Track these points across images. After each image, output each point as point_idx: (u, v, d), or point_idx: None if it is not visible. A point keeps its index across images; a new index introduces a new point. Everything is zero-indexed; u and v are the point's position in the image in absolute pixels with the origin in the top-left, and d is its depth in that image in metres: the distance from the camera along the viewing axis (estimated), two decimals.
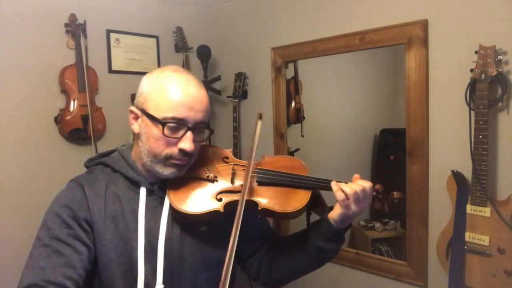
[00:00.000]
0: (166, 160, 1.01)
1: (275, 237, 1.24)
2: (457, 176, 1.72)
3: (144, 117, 1.01)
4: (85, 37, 2.35)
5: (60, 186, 1.09)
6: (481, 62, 1.61)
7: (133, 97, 1.24)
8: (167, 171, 1.02)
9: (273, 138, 2.58)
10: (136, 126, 1.05)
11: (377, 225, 2.32)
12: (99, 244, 0.99)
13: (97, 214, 1.00)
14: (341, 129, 2.56)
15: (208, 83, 2.76)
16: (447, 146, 1.84)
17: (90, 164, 1.13)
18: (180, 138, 0.99)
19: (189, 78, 1.02)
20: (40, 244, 0.94)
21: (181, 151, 1.00)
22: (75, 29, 2.28)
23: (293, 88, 2.56)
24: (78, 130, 2.28)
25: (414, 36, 1.88)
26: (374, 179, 1.08)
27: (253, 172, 1.08)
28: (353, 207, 1.02)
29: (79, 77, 2.27)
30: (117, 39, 2.53)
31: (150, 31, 2.69)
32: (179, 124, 0.99)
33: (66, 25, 2.28)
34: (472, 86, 1.66)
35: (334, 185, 1.04)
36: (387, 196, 1.12)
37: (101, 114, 2.39)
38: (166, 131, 0.98)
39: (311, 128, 2.59)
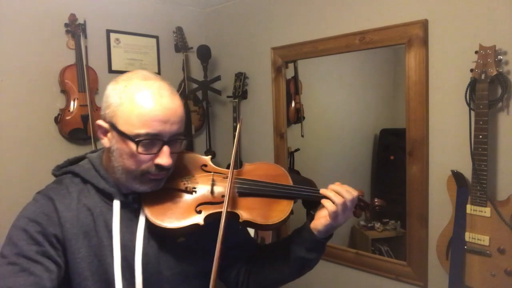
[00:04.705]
0: (143, 176, 0.94)
1: (254, 247, 1.20)
2: (457, 176, 1.72)
3: (115, 133, 0.92)
4: (85, 37, 2.35)
5: None
6: (481, 62, 1.61)
7: None
8: (144, 187, 0.96)
9: (273, 138, 2.58)
10: (106, 141, 0.95)
11: (377, 225, 2.32)
12: (72, 262, 0.92)
13: (69, 230, 0.92)
14: (341, 129, 2.56)
15: (208, 83, 2.77)
16: (447, 146, 1.84)
17: (59, 172, 1.04)
18: (156, 154, 0.92)
19: (161, 86, 0.92)
20: (6, 262, 0.85)
21: (158, 166, 0.92)
22: (75, 29, 2.28)
23: (293, 88, 2.55)
24: (78, 130, 2.29)
25: (414, 36, 1.88)
26: (374, 179, 1.08)
27: (234, 183, 1.03)
28: (340, 218, 0.99)
29: (79, 77, 2.27)
30: (117, 39, 2.53)
31: (150, 31, 2.69)
32: (154, 139, 0.90)
33: (66, 25, 2.28)
34: (472, 86, 1.66)
35: (327, 191, 1.00)
36: (368, 203, 1.10)
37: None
38: (140, 149, 0.89)
39: (311, 128, 2.58)
